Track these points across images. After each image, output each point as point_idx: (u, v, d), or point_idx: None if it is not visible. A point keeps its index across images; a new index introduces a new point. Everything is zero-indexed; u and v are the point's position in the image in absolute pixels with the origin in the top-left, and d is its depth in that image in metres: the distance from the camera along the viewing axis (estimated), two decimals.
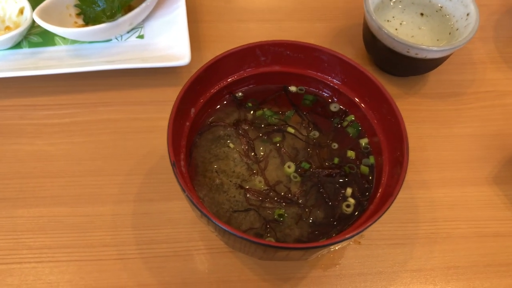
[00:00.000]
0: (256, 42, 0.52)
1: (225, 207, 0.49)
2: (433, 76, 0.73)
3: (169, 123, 0.46)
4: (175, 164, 0.44)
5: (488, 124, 0.69)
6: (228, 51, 0.52)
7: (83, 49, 0.69)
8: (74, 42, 0.70)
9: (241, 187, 0.50)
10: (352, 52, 0.75)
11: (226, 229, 0.41)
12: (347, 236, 0.42)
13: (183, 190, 0.43)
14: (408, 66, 0.68)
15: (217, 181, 0.50)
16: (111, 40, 0.70)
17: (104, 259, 0.55)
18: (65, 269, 0.54)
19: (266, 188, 0.50)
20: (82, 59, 0.68)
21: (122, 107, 0.67)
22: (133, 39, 0.71)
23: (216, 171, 0.51)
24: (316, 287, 0.55)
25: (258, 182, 0.51)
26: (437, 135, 0.68)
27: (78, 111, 0.66)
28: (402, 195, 0.62)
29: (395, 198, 0.44)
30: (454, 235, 0.59)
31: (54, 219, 0.58)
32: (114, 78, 0.69)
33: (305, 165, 0.52)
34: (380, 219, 0.57)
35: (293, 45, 0.53)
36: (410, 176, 0.64)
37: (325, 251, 0.46)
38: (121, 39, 0.71)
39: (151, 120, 0.66)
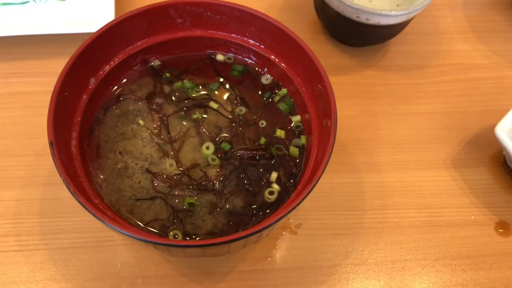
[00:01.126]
0: (169, 1, 0.44)
1: (127, 194, 0.42)
2: (394, 46, 0.66)
3: (52, 95, 0.39)
4: (53, 144, 0.36)
5: (451, 100, 0.62)
6: (134, 10, 0.44)
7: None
8: None
9: (148, 171, 0.43)
10: (304, 19, 0.67)
11: (107, 223, 0.34)
12: (255, 229, 0.35)
13: (59, 174, 0.36)
14: (360, 34, 0.60)
15: (121, 164, 0.43)
16: (28, 2, 0.62)
17: (2, 251, 0.49)
18: None
19: (178, 172, 0.43)
20: None
21: (38, 78, 0.60)
22: (53, 1, 0.62)
23: (121, 153, 0.44)
24: (243, 283, 0.49)
25: (169, 166, 0.44)
26: (394, 112, 0.61)
27: None
28: (349, 180, 0.55)
29: (315, 184, 0.37)
30: (403, 224, 0.53)
31: None
32: (30, 45, 0.61)
33: (226, 146, 0.45)
34: (321, 206, 0.51)
35: (212, 4, 0.45)
36: (360, 157, 0.57)
37: (239, 244, 0.39)
38: (40, 1, 0.62)
39: None
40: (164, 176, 0.43)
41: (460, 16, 0.69)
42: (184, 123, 0.46)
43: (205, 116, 0.47)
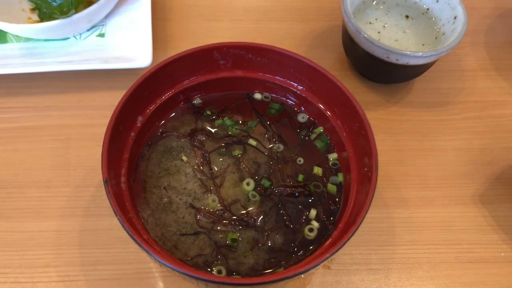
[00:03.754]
0: (214, 44, 0.47)
1: (172, 229, 0.44)
2: (418, 83, 0.68)
3: (105, 134, 0.41)
4: (107, 182, 0.38)
5: (476, 137, 0.64)
6: (181, 53, 0.46)
7: (37, 48, 0.64)
8: (28, 39, 0.64)
9: (192, 206, 0.45)
10: (332, 56, 0.70)
11: (156, 257, 0.35)
12: (301, 270, 0.36)
13: (115, 213, 0.37)
14: (389, 73, 0.62)
15: (165, 199, 0.45)
16: (68, 38, 0.65)
17: (44, 281, 0.50)
18: None
19: (220, 208, 0.45)
20: (36, 58, 0.63)
21: (77, 111, 0.62)
22: (93, 38, 0.65)
23: (165, 188, 0.45)
24: None
25: (212, 201, 0.45)
26: (420, 148, 0.62)
27: (27, 115, 0.61)
28: (378, 214, 0.56)
29: (360, 223, 0.39)
30: (434, 260, 0.54)
31: None
32: (70, 79, 0.64)
33: (266, 183, 0.46)
34: (353, 241, 0.52)
35: (254, 48, 0.47)
36: (388, 193, 0.58)
37: (283, 282, 0.40)
38: (80, 38, 0.65)
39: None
40: (207, 211, 0.44)
41: (483, 54, 0.71)
42: (225, 159, 0.48)
43: (244, 153, 0.48)
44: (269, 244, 0.43)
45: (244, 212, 0.45)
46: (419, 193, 0.58)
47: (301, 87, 0.49)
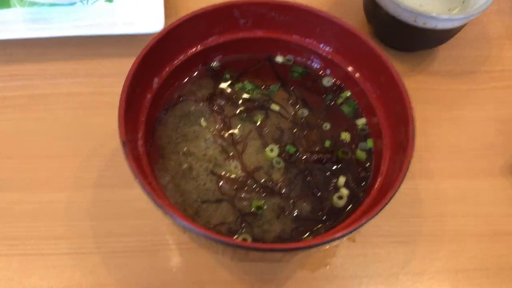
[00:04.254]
0: (234, 1, 0.44)
1: (193, 196, 0.41)
2: (443, 51, 0.65)
3: (122, 92, 0.38)
4: (125, 144, 0.35)
5: (504, 107, 0.61)
6: (198, 10, 0.43)
7: (42, 13, 0.60)
8: (32, 4, 0.61)
9: (213, 173, 0.42)
10: (352, 22, 0.66)
11: (185, 223, 0.33)
12: (336, 235, 0.34)
13: (134, 175, 0.35)
14: (414, 39, 0.59)
15: (185, 165, 0.42)
16: (75, 3, 0.61)
17: (54, 254, 0.47)
18: (7, 264, 0.46)
19: (243, 175, 0.42)
20: (41, 23, 0.59)
21: (86, 79, 0.59)
22: (101, 3, 0.62)
23: (184, 154, 0.43)
24: None
25: (234, 168, 0.42)
26: (446, 118, 0.59)
27: (34, 83, 0.58)
28: (404, 186, 0.53)
29: (396, 191, 0.36)
30: (463, 233, 0.51)
31: None
32: (78, 46, 0.60)
33: (291, 149, 0.43)
34: (379, 213, 0.50)
35: (278, 5, 0.44)
36: (413, 164, 0.54)
37: (311, 251, 0.38)
38: (87, 3, 0.62)
39: (118, 94, 0.57)
40: (230, 178, 0.42)
41: (509, 22, 0.68)
42: (246, 125, 0.45)
43: (266, 118, 0.45)
44: (296, 213, 0.41)
45: (268, 179, 0.42)
46: (445, 164, 0.56)
47: (328, 48, 0.46)
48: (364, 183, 0.42)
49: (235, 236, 0.39)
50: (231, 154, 0.43)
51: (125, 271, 0.47)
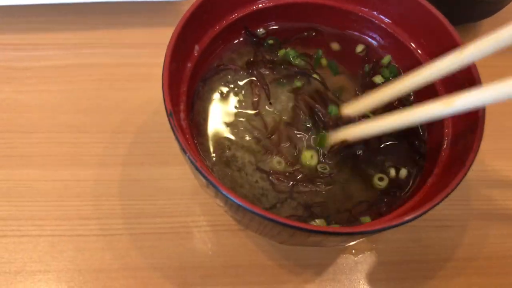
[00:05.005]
0: None
1: (245, 191, 0.37)
2: (487, 26, 0.61)
3: (165, 60, 0.34)
4: (172, 114, 0.32)
5: None
6: None
7: None
8: None
9: (260, 170, 0.38)
10: None
11: (244, 205, 0.29)
12: (405, 219, 0.30)
13: (183, 151, 0.31)
14: (459, 9, 0.55)
15: (227, 151, 0.39)
16: None
17: (83, 235, 0.45)
18: (34, 246, 0.44)
19: (291, 170, 0.39)
20: None
21: (110, 49, 0.55)
22: None
23: (224, 138, 0.39)
24: (344, 277, 0.44)
25: (278, 164, 0.39)
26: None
27: (56, 53, 0.54)
28: None
29: (469, 168, 0.33)
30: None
31: (22, 184, 0.46)
32: (101, 14, 0.57)
33: (333, 110, 0.40)
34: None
35: None
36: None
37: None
38: None
39: (145, 66, 0.54)
40: (280, 173, 0.38)
41: None
42: (285, 93, 0.41)
43: (308, 84, 0.42)
44: (356, 196, 0.38)
45: (314, 170, 0.39)
46: (493, 145, 0.52)
47: (385, 18, 0.42)
48: (422, 159, 0.39)
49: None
50: (270, 148, 0.39)
51: (157, 253, 0.44)
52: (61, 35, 0.55)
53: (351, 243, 0.43)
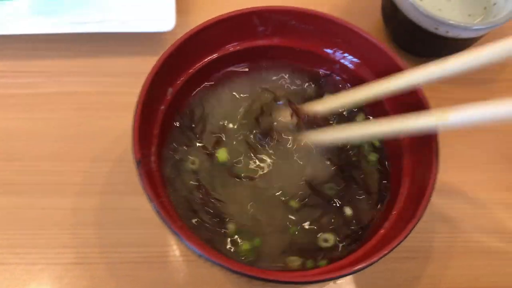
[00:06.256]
0: (254, 8, 0.41)
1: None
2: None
3: (137, 105, 0.36)
4: (140, 163, 0.34)
5: None
6: (219, 16, 0.41)
7: (48, 5, 0.58)
8: None
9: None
10: (368, 25, 0.64)
11: (204, 254, 0.31)
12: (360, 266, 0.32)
13: (149, 199, 0.33)
14: (434, 46, 0.57)
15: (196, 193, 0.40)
16: None
17: (60, 263, 0.46)
18: (11, 274, 0.45)
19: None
20: (46, 17, 0.57)
21: (92, 78, 0.57)
22: None
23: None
24: None
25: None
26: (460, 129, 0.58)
27: (39, 81, 0.56)
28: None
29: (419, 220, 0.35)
30: (475, 249, 0.50)
31: (2, 212, 0.48)
32: (84, 43, 0.58)
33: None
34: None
35: (301, 14, 0.42)
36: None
37: None
38: None
39: (126, 95, 0.53)
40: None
41: None
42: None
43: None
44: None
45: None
46: (458, 178, 0.54)
47: (348, 61, 0.44)
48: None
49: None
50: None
51: (133, 283, 0.46)
52: (43, 63, 0.57)
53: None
